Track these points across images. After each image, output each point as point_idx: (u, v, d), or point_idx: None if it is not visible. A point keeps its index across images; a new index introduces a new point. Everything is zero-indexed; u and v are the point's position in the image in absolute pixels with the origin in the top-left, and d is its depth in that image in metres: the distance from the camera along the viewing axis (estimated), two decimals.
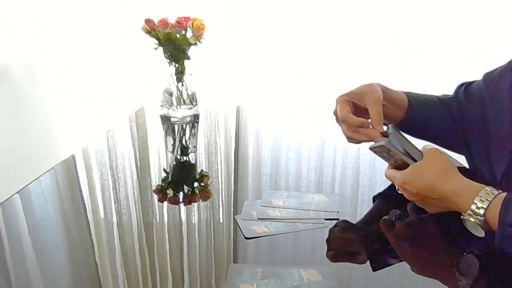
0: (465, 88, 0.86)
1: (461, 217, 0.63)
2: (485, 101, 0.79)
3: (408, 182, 0.68)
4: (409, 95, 0.85)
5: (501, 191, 0.61)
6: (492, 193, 0.60)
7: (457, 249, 0.65)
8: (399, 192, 0.71)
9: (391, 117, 0.81)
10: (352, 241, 0.71)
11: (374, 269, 0.62)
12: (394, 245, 0.67)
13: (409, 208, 0.73)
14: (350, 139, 0.78)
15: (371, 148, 0.74)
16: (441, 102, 0.87)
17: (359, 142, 0.77)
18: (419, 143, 0.73)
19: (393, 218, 0.71)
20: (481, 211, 0.60)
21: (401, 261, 0.64)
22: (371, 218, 0.76)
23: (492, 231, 0.60)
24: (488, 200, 0.59)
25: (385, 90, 0.81)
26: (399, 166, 0.71)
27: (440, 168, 0.66)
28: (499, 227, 0.58)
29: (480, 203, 0.60)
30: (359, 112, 0.77)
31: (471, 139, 0.83)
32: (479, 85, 0.84)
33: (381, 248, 0.68)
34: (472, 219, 0.61)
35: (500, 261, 0.61)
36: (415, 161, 0.69)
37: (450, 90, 0.92)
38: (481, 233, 0.61)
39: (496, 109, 0.76)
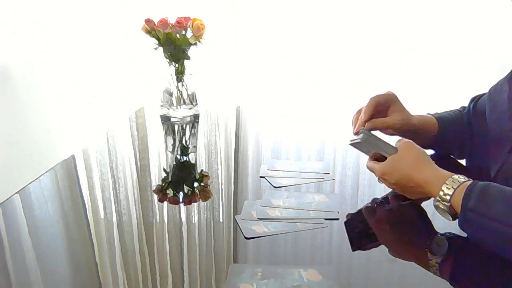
0: (475, 103, 0.92)
1: (433, 204, 0.68)
2: (487, 111, 0.84)
3: (387, 173, 0.75)
4: (438, 118, 0.92)
5: (467, 179, 0.65)
6: (458, 181, 0.65)
7: (431, 232, 0.70)
8: (380, 182, 0.78)
9: (422, 141, 0.84)
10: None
11: (354, 250, 0.67)
12: (375, 229, 0.73)
13: (390, 196, 0.81)
14: None
15: (351, 144, 0.84)
16: (458, 118, 0.93)
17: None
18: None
19: (375, 205, 0.79)
20: (447, 197, 0.64)
21: (379, 244, 0.69)
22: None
23: (458, 216, 0.64)
24: (454, 188, 0.64)
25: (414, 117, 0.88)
26: (379, 158, 0.78)
27: (413, 158, 0.72)
28: (461, 211, 0.62)
29: (446, 190, 0.65)
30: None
31: (474, 145, 0.89)
32: (484, 99, 0.89)
33: (362, 232, 0.73)
34: (441, 205, 0.66)
35: (468, 244, 0.66)
36: (389, 154, 0.76)
37: (450, 90, 0.93)
38: (449, 218, 0.66)
39: (496, 118, 0.81)
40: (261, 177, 0.91)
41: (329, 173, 0.93)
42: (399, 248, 0.68)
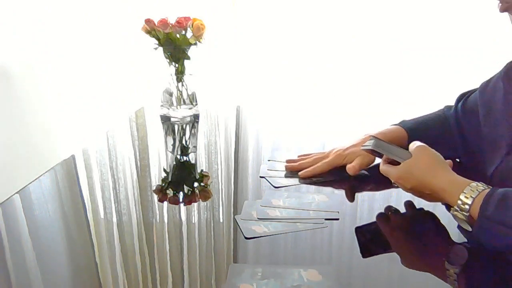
0: (463, 102, 0.91)
1: (450, 211, 0.66)
2: (480, 111, 0.83)
3: (402, 178, 0.73)
4: (404, 126, 0.92)
5: (486, 186, 0.63)
6: (477, 189, 0.63)
7: (447, 241, 0.69)
8: (395, 186, 0.76)
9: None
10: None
11: (364, 257, 0.65)
12: (387, 237, 0.72)
13: (404, 203, 0.78)
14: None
15: (362, 149, 0.83)
16: (440, 120, 0.93)
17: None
18: None
19: (389, 212, 0.77)
20: (466, 207, 0.62)
21: (391, 252, 0.67)
22: None
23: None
24: (472, 197, 0.62)
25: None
26: (393, 161, 0.76)
27: (428, 163, 0.71)
28: (478, 219, 0.61)
29: (465, 199, 0.63)
30: None
31: (467, 146, 0.88)
32: (475, 96, 0.87)
33: (373, 239, 0.71)
34: (459, 215, 0.64)
35: (488, 253, 0.64)
36: (403, 159, 0.74)
37: (449, 90, 0.93)
38: (468, 227, 0.63)
39: (491, 118, 0.80)
40: (261, 177, 0.91)
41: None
42: (413, 257, 0.67)
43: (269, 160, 0.99)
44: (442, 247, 0.68)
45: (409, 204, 0.78)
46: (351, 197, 0.83)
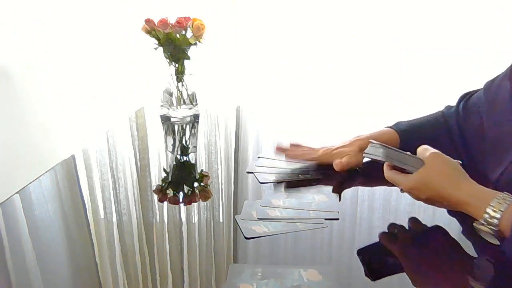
0: (465, 102, 0.88)
1: (473, 224, 0.62)
2: (484, 110, 0.80)
3: (415, 188, 0.67)
4: (397, 128, 0.90)
5: None
6: (505, 202, 0.59)
7: (463, 257, 0.63)
8: (403, 192, 0.72)
9: None
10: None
11: (373, 280, 0.60)
12: (396, 258, 0.65)
13: (409, 221, 0.72)
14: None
15: (365, 155, 0.80)
16: (437, 123, 0.90)
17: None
18: None
19: (395, 230, 0.70)
20: (495, 221, 0.58)
21: (399, 272, 0.62)
22: None
23: (505, 238, 0.59)
24: (501, 210, 0.58)
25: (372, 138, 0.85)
26: (396, 166, 0.72)
27: (446, 173, 0.65)
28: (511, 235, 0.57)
29: (493, 213, 0.59)
30: None
31: (468, 147, 0.85)
32: (478, 96, 0.84)
33: (380, 261, 0.66)
34: (485, 229, 0.60)
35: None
36: (415, 167, 0.68)
37: (449, 90, 0.92)
38: (496, 241, 0.60)
39: (496, 119, 0.77)
40: (248, 172, 0.92)
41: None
42: (426, 277, 0.59)
43: (259, 157, 1.00)
44: (460, 263, 0.62)
45: (414, 221, 0.72)
46: (339, 193, 0.82)
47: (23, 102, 1.96)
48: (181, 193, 0.88)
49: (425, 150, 0.69)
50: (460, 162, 0.69)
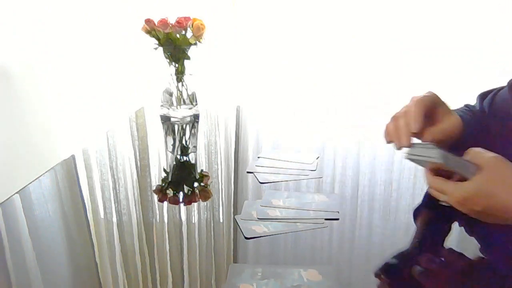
0: (490, 100, 0.78)
1: None
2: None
3: (470, 198, 0.56)
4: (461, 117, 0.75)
5: None
6: None
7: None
8: (443, 204, 0.61)
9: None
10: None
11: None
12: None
13: (445, 252, 0.63)
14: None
15: (410, 159, 0.66)
16: (475, 118, 0.77)
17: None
18: None
19: (432, 264, 0.61)
20: None
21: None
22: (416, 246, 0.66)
23: None
24: None
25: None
26: (440, 170, 0.61)
27: (510, 181, 0.55)
28: None
29: None
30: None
31: (491, 149, 0.78)
32: (504, 95, 0.76)
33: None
34: None
35: None
36: (471, 174, 0.58)
37: (449, 90, 0.91)
38: None
39: None
40: (248, 172, 0.92)
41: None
42: None
43: (259, 157, 1.00)
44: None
45: (451, 251, 0.62)
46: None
47: (23, 102, 1.96)
48: (181, 193, 0.88)
49: (480, 154, 0.59)
50: None
